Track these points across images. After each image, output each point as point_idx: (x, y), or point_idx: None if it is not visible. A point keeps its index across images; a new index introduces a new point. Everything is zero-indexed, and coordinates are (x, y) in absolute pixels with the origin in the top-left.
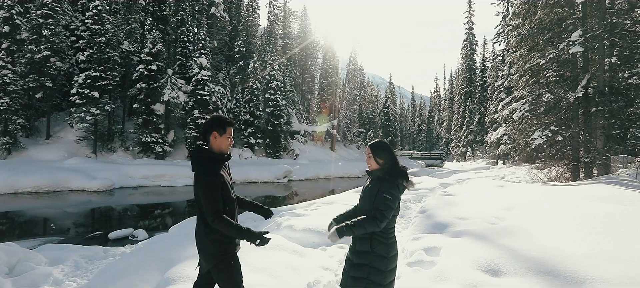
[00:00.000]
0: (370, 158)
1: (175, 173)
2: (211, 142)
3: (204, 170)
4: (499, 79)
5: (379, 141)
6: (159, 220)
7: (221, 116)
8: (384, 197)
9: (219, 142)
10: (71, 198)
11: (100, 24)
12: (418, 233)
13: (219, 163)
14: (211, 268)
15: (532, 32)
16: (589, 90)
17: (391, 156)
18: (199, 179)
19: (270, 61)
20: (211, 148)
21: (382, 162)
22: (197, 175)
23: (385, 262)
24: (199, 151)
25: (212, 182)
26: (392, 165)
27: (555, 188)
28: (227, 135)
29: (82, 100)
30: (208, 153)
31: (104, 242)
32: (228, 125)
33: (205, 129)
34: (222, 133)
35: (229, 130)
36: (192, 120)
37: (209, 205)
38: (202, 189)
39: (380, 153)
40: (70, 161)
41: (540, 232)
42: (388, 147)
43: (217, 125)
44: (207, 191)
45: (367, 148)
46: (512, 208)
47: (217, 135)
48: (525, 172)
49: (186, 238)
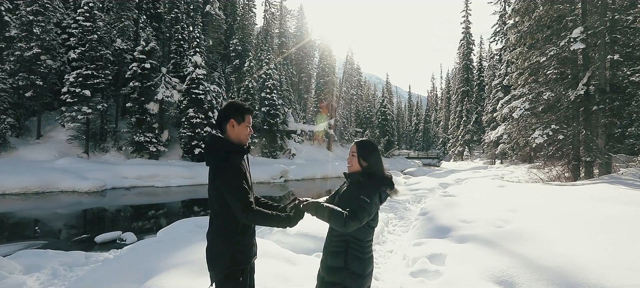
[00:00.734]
0: (354, 157)
1: (169, 173)
2: (228, 132)
3: (224, 162)
4: (496, 78)
5: (367, 141)
6: (151, 222)
7: (239, 102)
8: (361, 199)
9: (238, 131)
10: (61, 199)
11: (92, 21)
12: (420, 237)
13: (239, 155)
14: (216, 282)
15: (532, 30)
16: (590, 88)
17: (378, 161)
18: (220, 173)
19: (266, 60)
20: (228, 138)
21: (366, 165)
22: (216, 168)
23: (360, 281)
24: (215, 140)
25: (237, 173)
26: (377, 170)
27: (558, 188)
28: (246, 124)
29: (74, 99)
30: (227, 143)
31: (91, 246)
32: (247, 113)
33: (222, 116)
34: (240, 121)
35: (248, 118)
36: (186, 120)
37: (238, 200)
38: (225, 183)
39: (367, 155)
40: (61, 161)
41: (551, 236)
42: (377, 149)
43: (235, 112)
44: (232, 185)
45: (352, 146)
46: (516, 210)
47: (235, 124)
48: (524, 171)
49: (172, 245)
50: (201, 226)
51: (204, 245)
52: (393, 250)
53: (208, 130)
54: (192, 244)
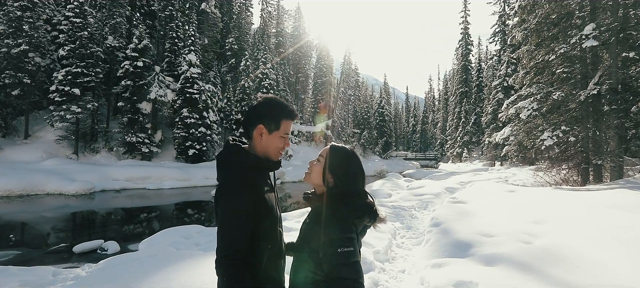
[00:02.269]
0: (318, 165)
1: (162, 175)
2: (254, 140)
3: (234, 180)
4: (496, 78)
5: (345, 148)
6: (140, 227)
7: (277, 100)
8: (338, 252)
9: (267, 142)
10: (46, 202)
11: (83, 18)
12: (438, 256)
13: (262, 174)
14: None
15: (539, 27)
16: (603, 87)
17: (355, 179)
18: (225, 193)
19: (263, 59)
20: (252, 148)
21: (333, 182)
22: (223, 186)
23: None
24: (230, 152)
25: (243, 199)
26: (352, 190)
27: (574, 193)
28: (281, 134)
29: (62, 97)
30: (245, 156)
31: (67, 257)
32: (286, 117)
33: (250, 118)
34: (273, 129)
35: (286, 126)
36: (180, 120)
37: (224, 235)
38: (223, 208)
39: (339, 167)
40: (49, 162)
41: (594, 256)
42: (358, 163)
43: (268, 116)
44: (231, 214)
45: (323, 150)
46: (541, 221)
47: (264, 131)
48: (526, 174)
49: (150, 263)
50: (187, 236)
51: (188, 263)
52: (406, 270)
53: (202, 131)
54: (174, 263)
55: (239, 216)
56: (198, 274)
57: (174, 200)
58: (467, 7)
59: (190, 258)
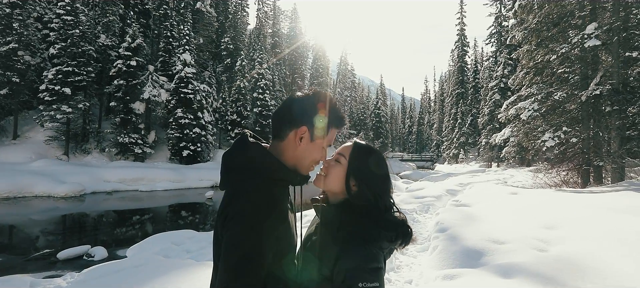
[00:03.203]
0: (337, 167)
1: (155, 176)
2: (288, 143)
3: (253, 199)
4: (493, 80)
5: (368, 145)
6: (132, 230)
7: (330, 99)
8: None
9: (306, 150)
10: (33, 205)
11: (74, 16)
12: (448, 266)
13: (285, 189)
14: None
15: (540, 26)
16: (605, 87)
17: (387, 185)
18: (237, 218)
19: (258, 60)
20: (280, 153)
21: (358, 190)
22: (234, 205)
23: None
24: (251, 154)
25: (264, 233)
26: (382, 204)
27: (578, 196)
28: (324, 144)
29: (53, 97)
30: (276, 164)
31: (51, 264)
32: (336, 124)
33: (291, 114)
34: (319, 135)
35: (332, 135)
36: (174, 120)
37: (230, 280)
38: (233, 241)
39: (367, 171)
40: (37, 163)
41: (620, 267)
42: (385, 163)
43: (313, 118)
44: (245, 253)
45: (343, 147)
46: (553, 226)
47: (307, 136)
48: (525, 175)
49: (137, 272)
50: (178, 243)
51: (177, 274)
52: (413, 280)
53: (197, 132)
54: (161, 274)
55: (255, 258)
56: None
57: (168, 202)
58: (463, 9)
59: (181, 269)
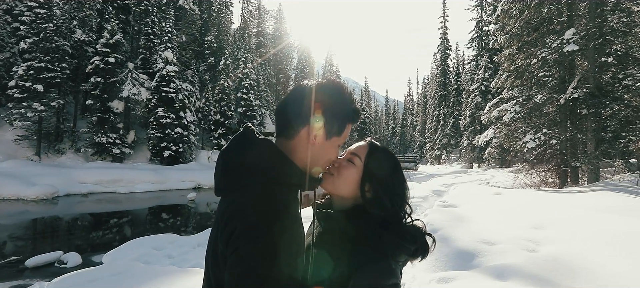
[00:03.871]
0: (353, 171)
1: (134, 177)
2: (299, 142)
3: (268, 211)
4: (474, 82)
5: (385, 147)
6: (109, 234)
7: (346, 89)
8: None
9: (321, 150)
10: (1, 208)
11: (48, 9)
12: (441, 268)
13: (297, 198)
14: None
15: (521, 31)
16: (582, 91)
17: (405, 192)
18: (249, 236)
19: (243, 59)
20: (292, 155)
21: (373, 196)
22: (240, 216)
23: None
24: (262, 153)
25: (284, 256)
26: (401, 213)
27: (559, 196)
28: (340, 142)
29: (23, 94)
30: (290, 166)
31: (19, 272)
32: (353, 119)
33: (303, 107)
34: (336, 132)
35: (347, 133)
36: (155, 120)
37: None
38: (245, 260)
39: (385, 176)
40: (5, 164)
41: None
42: (401, 167)
43: (329, 112)
44: (261, 272)
45: (357, 146)
46: (540, 226)
47: (322, 134)
48: (505, 175)
49: (113, 280)
50: (159, 247)
51: (157, 282)
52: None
53: (179, 132)
54: (140, 282)
55: (275, 282)
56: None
57: (147, 204)
58: (446, 13)
59: (162, 276)
